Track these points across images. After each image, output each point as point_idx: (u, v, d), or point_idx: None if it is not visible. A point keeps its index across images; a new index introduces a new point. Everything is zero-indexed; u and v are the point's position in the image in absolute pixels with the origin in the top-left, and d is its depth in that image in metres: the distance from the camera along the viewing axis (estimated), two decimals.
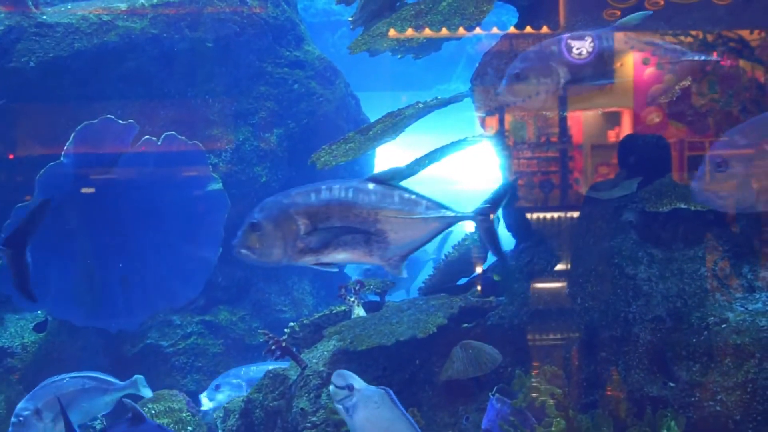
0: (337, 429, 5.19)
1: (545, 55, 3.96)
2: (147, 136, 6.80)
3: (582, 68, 3.90)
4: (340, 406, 4.57)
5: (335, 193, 3.76)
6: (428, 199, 3.87)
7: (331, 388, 4.61)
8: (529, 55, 4.01)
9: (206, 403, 6.66)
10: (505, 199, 3.92)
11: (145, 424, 5.11)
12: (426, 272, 8.16)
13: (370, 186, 3.81)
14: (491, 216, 3.86)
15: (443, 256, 6.15)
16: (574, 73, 3.89)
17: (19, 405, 5.14)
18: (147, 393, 5.77)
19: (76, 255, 6.97)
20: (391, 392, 4.59)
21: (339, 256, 3.83)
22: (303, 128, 8.14)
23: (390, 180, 3.85)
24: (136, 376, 5.64)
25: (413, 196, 3.84)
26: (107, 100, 7.12)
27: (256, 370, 6.82)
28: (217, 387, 6.73)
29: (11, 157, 7.20)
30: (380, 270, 7.22)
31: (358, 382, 4.59)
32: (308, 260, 3.81)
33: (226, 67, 7.82)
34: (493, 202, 3.87)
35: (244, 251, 3.78)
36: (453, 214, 3.85)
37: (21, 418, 5.09)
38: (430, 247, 8.43)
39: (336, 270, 4.29)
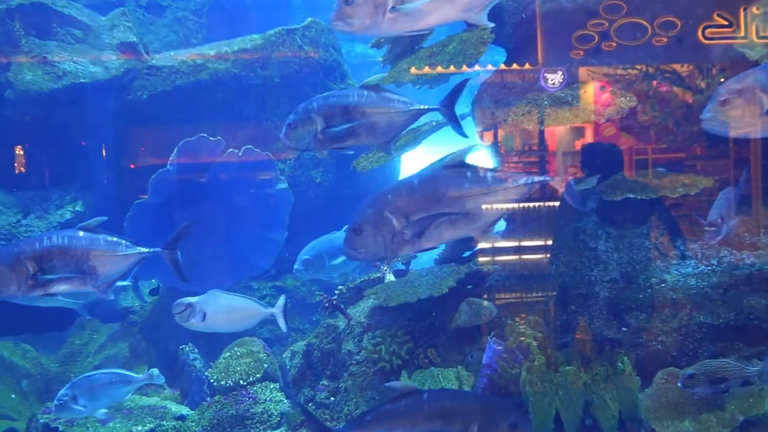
0: (375, 364, 5.27)
1: (308, 108, 3.92)
2: (231, 149, 6.90)
3: (334, 119, 3.91)
4: (192, 321, 4.66)
5: (54, 240, 3.79)
6: (125, 240, 3.96)
7: (176, 318, 4.68)
8: (299, 109, 3.98)
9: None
10: (186, 236, 4.05)
11: None
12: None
13: (81, 233, 3.86)
14: (173, 251, 4.06)
15: None
16: (328, 122, 3.88)
17: (61, 392, 4.91)
18: (161, 381, 5.51)
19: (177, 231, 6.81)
20: (218, 290, 4.76)
21: (61, 287, 3.84)
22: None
23: (95, 227, 3.91)
24: (151, 370, 5.41)
25: (115, 239, 3.92)
26: (201, 123, 7.03)
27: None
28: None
29: (132, 166, 7.30)
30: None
31: (192, 299, 4.67)
32: (37, 293, 3.80)
33: (289, 96, 7.59)
34: (174, 241, 4.07)
35: None
36: (146, 250, 3.99)
37: (61, 402, 4.88)
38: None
39: (59, 298, 4.26)
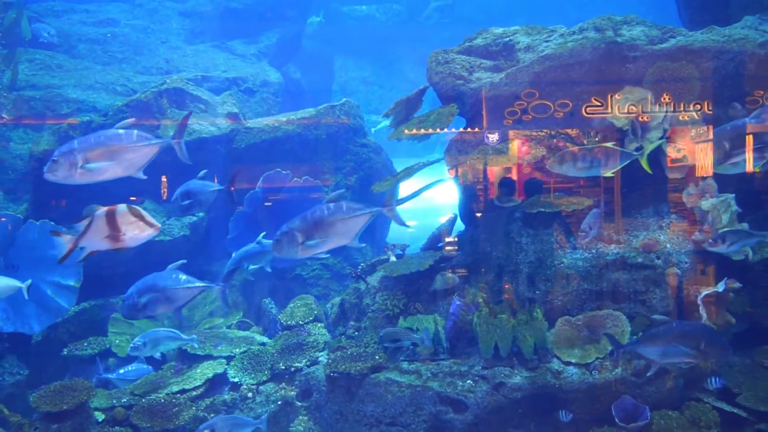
0: (383, 312, 5.43)
1: (178, 197, 4.08)
2: (295, 178, 7.11)
3: (184, 200, 4.10)
4: None
5: None
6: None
7: None
8: (176, 193, 4.14)
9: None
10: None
11: None
12: None
13: None
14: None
15: (434, 231, 5.91)
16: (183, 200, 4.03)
17: (135, 340, 4.92)
18: (195, 345, 5.36)
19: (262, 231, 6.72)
20: None
21: None
22: (366, 174, 7.96)
23: None
24: (192, 335, 5.28)
25: None
26: (276, 163, 7.16)
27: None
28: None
29: (232, 188, 7.62)
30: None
31: None
32: None
33: (331, 146, 7.77)
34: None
35: None
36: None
37: (135, 346, 4.89)
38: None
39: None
